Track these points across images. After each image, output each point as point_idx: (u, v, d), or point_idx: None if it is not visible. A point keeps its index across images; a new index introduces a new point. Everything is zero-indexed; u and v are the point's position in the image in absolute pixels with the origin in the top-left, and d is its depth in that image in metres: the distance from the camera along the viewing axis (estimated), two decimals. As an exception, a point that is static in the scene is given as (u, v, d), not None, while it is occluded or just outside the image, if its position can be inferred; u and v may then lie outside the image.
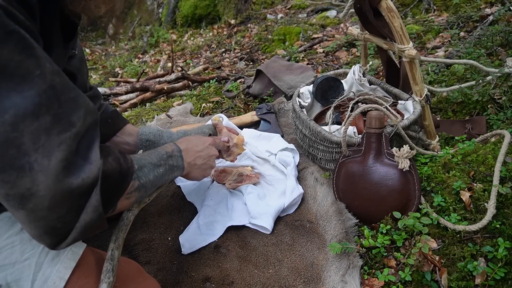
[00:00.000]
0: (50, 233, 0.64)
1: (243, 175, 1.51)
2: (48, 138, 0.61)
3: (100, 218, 0.69)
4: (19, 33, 0.58)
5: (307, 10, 4.81)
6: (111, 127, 1.23)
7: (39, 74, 0.60)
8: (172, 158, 0.99)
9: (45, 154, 0.60)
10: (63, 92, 0.65)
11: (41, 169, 0.60)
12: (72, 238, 0.67)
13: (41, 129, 0.60)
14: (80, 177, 0.64)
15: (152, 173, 0.90)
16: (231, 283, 1.12)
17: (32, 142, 0.60)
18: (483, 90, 1.66)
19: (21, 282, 0.73)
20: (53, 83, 0.63)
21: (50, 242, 0.66)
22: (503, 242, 1.01)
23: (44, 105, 0.61)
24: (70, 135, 0.64)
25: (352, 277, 1.07)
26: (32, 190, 0.60)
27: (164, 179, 0.96)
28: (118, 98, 2.81)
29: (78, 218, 0.66)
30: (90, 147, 0.68)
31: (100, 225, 0.71)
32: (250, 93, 2.43)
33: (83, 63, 1.11)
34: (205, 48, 4.54)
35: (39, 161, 0.60)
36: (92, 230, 0.70)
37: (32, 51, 0.60)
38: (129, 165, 0.80)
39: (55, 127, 0.62)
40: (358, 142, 1.31)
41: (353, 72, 1.70)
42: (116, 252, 0.84)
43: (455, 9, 3.14)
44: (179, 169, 1.03)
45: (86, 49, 6.50)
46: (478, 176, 1.23)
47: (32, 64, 0.60)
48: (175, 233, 1.32)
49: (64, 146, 0.63)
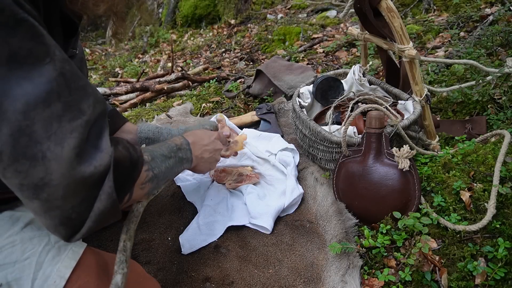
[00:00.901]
0: (65, 223, 0.64)
1: (243, 175, 1.51)
2: (60, 125, 0.61)
3: (114, 205, 0.69)
4: (28, 21, 0.58)
5: (307, 10, 4.81)
6: (111, 126, 1.23)
7: (49, 61, 0.60)
8: (181, 151, 1.00)
9: (57, 141, 0.60)
10: (73, 79, 0.64)
11: (54, 157, 0.59)
12: (87, 227, 0.66)
13: (53, 117, 0.60)
14: (92, 164, 0.64)
15: (164, 164, 0.90)
16: (231, 283, 1.12)
17: (44, 130, 0.59)
18: (483, 90, 1.66)
19: (21, 281, 0.73)
20: (63, 70, 0.62)
21: (65, 233, 0.66)
22: (503, 242, 1.01)
23: (55, 92, 0.60)
24: (81, 123, 0.64)
25: (352, 277, 1.07)
26: (46, 179, 0.59)
27: (174, 170, 0.97)
28: (118, 98, 2.81)
29: (92, 207, 0.66)
30: (100, 136, 0.68)
31: (114, 214, 0.71)
32: (250, 93, 2.43)
33: (84, 63, 1.11)
34: (205, 48, 4.54)
35: (51, 149, 0.59)
36: (107, 219, 0.70)
37: (42, 38, 0.60)
38: (139, 154, 0.80)
39: (66, 114, 0.62)
40: (358, 142, 1.31)
41: (353, 72, 1.70)
42: (128, 243, 0.84)
43: (455, 9, 3.14)
44: (188, 162, 1.04)
45: (86, 49, 6.51)
46: (478, 176, 1.23)
47: (42, 52, 0.60)
48: (175, 233, 1.32)
49: (76, 134, 0.62)
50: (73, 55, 1.02)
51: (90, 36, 7.65)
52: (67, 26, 0.80)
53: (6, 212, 0.76)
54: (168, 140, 1.02)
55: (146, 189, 0.84)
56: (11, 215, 0.76)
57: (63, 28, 0.79)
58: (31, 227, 0.78)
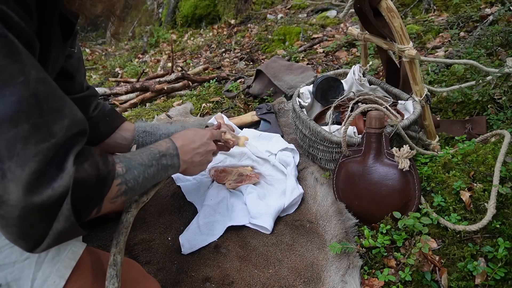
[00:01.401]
0: (24, 238, 0.63)
1: (243, 175, 1.51)
2: (24, 147, 0.59)
3: (73, 226, 0.66)
4: (6, 37, 0.57)
5: (307, 10, 4.81)
6: (110, 125, 1.24)
7: (22, 80, 0.59)
8: (166, 157, 0.95)
9: (19, 163, 0.59)
10: (47, 101, 0.63)
11: (13, 178, 0.58)
12: (47, 244, 0.65)
13: (18, 137, 0.59)
14: (51, 186, 0.62)
15: (142, 175, 0.85)
16: (231, 283, 1.12)
17: (7, 150, 0.58)
18: (483, 90, 1.66)
19: (21, 281, 0.73)
20: (37, 91, 0.61)
21: (25, 246, 0.64)
22: (503, 242, 1.01)
23: (24, 112, 0.59)
24: (48, 146, 0.62)
25: (352, 277, 1.07)
26: (3, 198, 0.59)
27: (156, 179, 0.93)
28: (118, 98, 2.81)
29: (51, 226, 0.64)
30: (66, 156, 0.65)
31: (74, 233, 0.69)
32: (250, 93, 2.43)
33: (81, 63, 1.11)
34: (205, 48, 4.54)
35: (12, 169, 0.58)
36: (67, 237, 0.69)
37: (18, 56, 0.59)
38: (110, 168, 0.75)
39: (33, 136, 0.60)
40: (358, 142, 1.31)
41: (353, 72, 1.70)
42: (118, 257, 0.82)
43: (455, 9, 3.14)
44: (174, 168, 0.99)
45: (86, 49, 6.50)
46: (478, 176, 1.23)
47: (16, 70, 0.59)
48: (175, 233, 1.32)
49: (39, 157, 0.61)
50: (71, 54, 1.02)
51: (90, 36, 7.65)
52: (65, 26, 0.80)
53: (5, 212, 0.76)
54: (152, 145, 0.96)
55: (118, 202, 0.81)
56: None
57: (61, 28, 0.79)
58: (31, 227, 0.77)
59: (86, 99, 1.15)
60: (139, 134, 1.27)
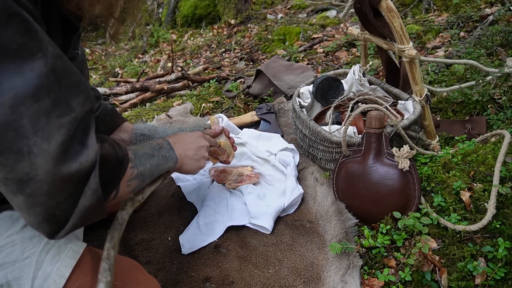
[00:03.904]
0: (48, 220, 0.63)
1: (243, 175, 1.51)
2: (47, 121, 0.60)
3: (100, 202, 0.68)
4: (21, 15, 0.57)
5: (307, 10, 4.81)
6: (109, 125, 1.24)
7: (41, 56, 0.60)
8: (163, 150, 1.00)
9: (44, 137, 0.60)
10: (65, 76, 0.64)
11: (40, 152, 0.59)
12: (71, 224, 0.66)
13: (41, 112, 0.60)
14: (78, 161, 0.63)
15: (148, 162, 0.90)
16: (231, 283, 1.12)
17: (32, 125, 0.59)
18: (483, 90, 1.66)
19: (21, 280, 0.73)
20: (55, 66, 0.62)
21: (48, 230, 0.65)
22: (503, 242, 1.01)
23: (45, 87, 0.60)
24: (69, 119, 0.63)
25: (352, 277, 1.07)
26: (31, 174, 0.59)
27: (159, 169, 0.97)
28: (118, 98, 2.81)
29: (77, 203, 0.65)
30: (87, 133, 0.67)
31: (99, 211, 0.70)
32: (250, 93, 2.43)
33: (85, 65, 1.12)
34: (205, 48, 4.54)
35: (38, 144, 0.59)
36: (91, 216, 0.69)
37: (35, 33, 0.60)
38: (124, 152, 0.80)
39: (55, 110, 0.61)
40: (358, 142, 1.31)
41: (353, 72, 1.70)
42: (112, 252, 0.83)
43: (455, 9, 3.14)
44: (172, 160, 1.03)
45: (86, 49, 6.50)
46: (478, 176, 1.23)
47: (34, 47, 0.59)
48: (175, 233, 1.32)
49: (63, 130, 0.62)
50: (75, 57, 1.02)
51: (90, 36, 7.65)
52: (66, 25, 0.80)
53: (6, 212, 0.76)
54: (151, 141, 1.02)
55: (132, 187, 0.84)
56: (11, 214, 0.76)
57: (62, 27, 0.79)
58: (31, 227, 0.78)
59: None
60: (137, 137, 1.28)
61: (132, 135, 1.28)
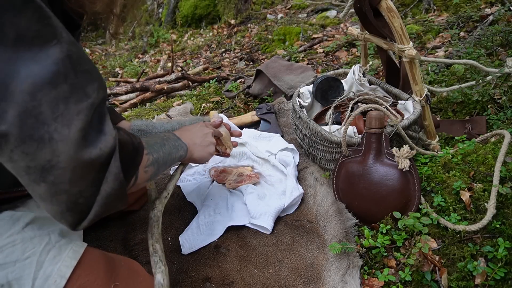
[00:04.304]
0: (72, 209, 0.63)
1: (243, 175, 1.51)
2: (66, 107, 0.60)
3: (122, 187, 0.68)
4: (35, 2, 0.57)
5: (307, 10, 4.81)
6: None
7: (56, 43, 0.60)
8: (171, 140, 1.00)
9: (64, 123, 0.60)
10: (79, 63, 0.64)
11: (61, 138, 0.59)
12: (95, 212, 0.66)
13: (59, 98, 0.60)
14: (98, 147, 0.64)
15: (161, 149, 0.91)
16: (231, 283, 1.12)
17: (51, 111, 0.59)
18: (483, 90, 1.66)
19: (22, 280, 0.73)
20: (70, 52, 0.62)
21: (72, 220, 0.65)
22: (503, 242, 1.01)
23: (62, 73, 0.60)
24: (86, 105, 0.63)
25: (352, 277, 1.07)
26: (53, 161, 0.59)
27: (171, 157, 0.97)
28: (118, 98, 2.81)
29: (99, 190, 0.65)
30: (103, 120, 0.68)
31: (121, 197, 0.70)
32: (250, 93, 2.43)
33: None
34: (205, 48, 4.54)
35: (58, 130, 0.59)
36: (114, 203, 0.69)
37: (49, 20, 0.60)
38: (138, 140, 0.81)
39: (72, 96, 0.61)
40: (358, 142, 1.31)
41: (353, 72, 1.70)
42: (157, 245, 0.91)
43: (455, 9, 3.14)
44: (182, 148, 1.03)
45: (86, 49, 6.50)
46: (478, 176, 1.23)
47: (50, 33, 0.59)
48: (175, 233, 1.32)
49: (82, 116, 0.62)
50: None
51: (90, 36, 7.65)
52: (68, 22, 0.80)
53: (6, 212, 0.76)
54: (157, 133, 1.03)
55: (149, 173, 0.85)
56: (11, 214, 0.76)
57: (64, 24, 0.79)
58: (32, 227, 0.78)
59: None
60: (134, 133, 1.27)
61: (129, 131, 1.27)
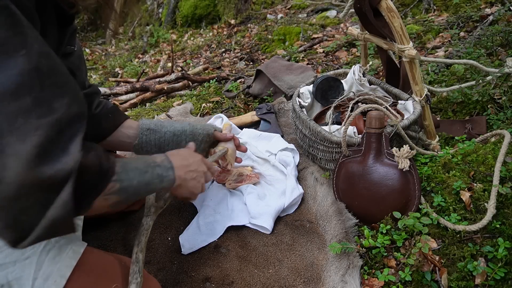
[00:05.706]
0: (11, 226, 0.58)
1: (243, 175, 1.51)
2: (25, 121, 0.57)
3: (69, 216, 0.62)
4: (9, 9, 0.56)
5: (307, 10, 4.81)
6: (112, 122, 1.23)
7: (24, 53, 0.58)
8: (160, 168, 0.92)
9: (19, 137, 0.56)
10: (49, 75, 0.62)
11: (12, 152, 0.56)
12: (36, 235, 0.60)
13: (20, 111, 0.57)
14: (54, 167, 0.59)
15: (137, 178, 0.83)
16: (231, 283, 1.12)
17: (8, 124, 0.56)
18: (483, 90, 1.66)
19: (22, 280, 0.73)
20: (39, 65, 0.60)
21: (10, 237, 0.59)
22: (503, 242, 1.01)
23: (26, 86, 0.58)
24: (49, 121, 0.60)
25: (352, 277, 1.07)
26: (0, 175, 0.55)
27: (149, 187, 0.89)
28: (118, 98, 2.81)
29: (44, 213, 0.60)
30: (72, 139, 0.63)
31: (68, 226, 0.65)
32: (250, 93, 2.43)
33: (82, 60, 1.11)
34: (205, 48, 4.54)
35: (11, 144, 0.56)
36: (59, 230, 0.64)
37: (21, 28, 0.58)
38: (110, 165, 0.75)
39: (35, 110, 0.59)
40: (358, 142, 1.31)
41: (353, 72, 1.70)
42: (140, 255, 0.89)
43: (455, 9, 3.14)
44: (169, 181, 0.94)
45: (86, 49, 6.50)
46: (478, 176, 1.23)
47: (19, 43, 0.58)
48: (175, 233, 1.32)
49: (41, 132, 0.59)
50: (71, 52, 1.01)
51: (90, 36, 7.65)
52: (61, 16, 0.79)
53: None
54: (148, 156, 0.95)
55: (111, 201, 0.78)
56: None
57: (57, 17, 0.78)
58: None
59: (88, 97, 1.15)
60: (143, 131, 1.24)
61: (137, 131, 1.24)
